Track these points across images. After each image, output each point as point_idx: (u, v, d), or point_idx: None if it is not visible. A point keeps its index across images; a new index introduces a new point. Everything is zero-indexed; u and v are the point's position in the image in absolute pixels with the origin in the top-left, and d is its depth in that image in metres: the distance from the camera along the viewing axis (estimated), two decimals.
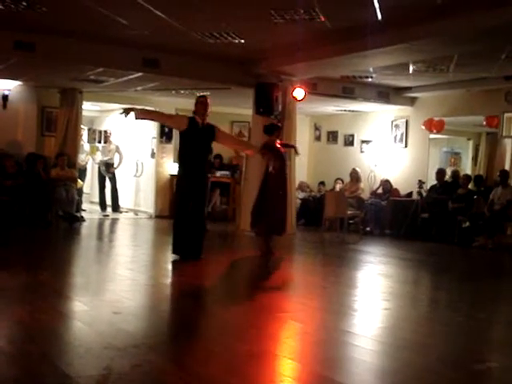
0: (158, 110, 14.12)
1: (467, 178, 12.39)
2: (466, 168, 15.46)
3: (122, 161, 15.06)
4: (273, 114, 11.61)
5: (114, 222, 13.81)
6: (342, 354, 4.52)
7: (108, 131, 15.52)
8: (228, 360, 4.14)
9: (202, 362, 4.05)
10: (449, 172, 13.32)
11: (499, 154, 12.76)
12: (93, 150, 15.65)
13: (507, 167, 12.36)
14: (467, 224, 11.45)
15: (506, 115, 12.12)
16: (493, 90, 11.77)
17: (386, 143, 14.38)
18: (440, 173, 12.68)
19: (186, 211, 8.08)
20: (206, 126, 8.14)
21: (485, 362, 4.53)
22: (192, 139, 8.07)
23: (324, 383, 3.81)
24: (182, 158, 8.24)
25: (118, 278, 7.24)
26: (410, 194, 13.26)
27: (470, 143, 15.95)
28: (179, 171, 8.33)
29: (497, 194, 11.25)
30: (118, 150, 15.05)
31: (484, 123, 12.69)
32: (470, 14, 7.42)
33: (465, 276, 8.65)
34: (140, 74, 10.85)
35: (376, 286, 7.44)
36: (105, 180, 15.14)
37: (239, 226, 12.23)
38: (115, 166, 15.00)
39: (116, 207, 14.99)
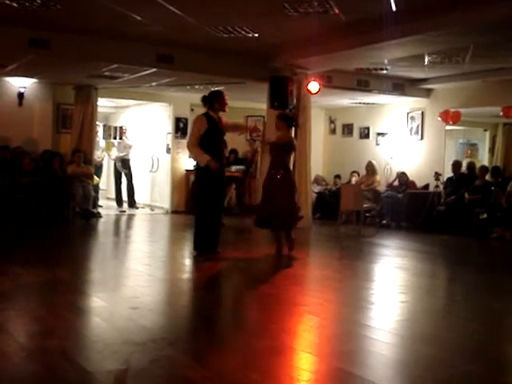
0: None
1: (484, 169, 12.31)
2: (483, 159, 15.36)
3: (136, 155, 15.17)
4: (288, 108, 11.60)
5: (131, 217, 13.87)
6: (359, 347, 4.51)
7: (124, 127, 15.58)
8: (246, 354, 4.16)
9: (221, 357, 4.07)
10: (465, 164, 13.24)
11: None
12: (108, 146, 15.72)
13: None
14: (485, 216, 11.37)
15: None
16: (509, 80, 11.67)
17: (402, 135, 14.31)
18: (456, 165, 12.60)
19: (216, 207, 8.13)
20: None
21: (504, 355, 4.51)
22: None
23: (341, 376, 3.81)
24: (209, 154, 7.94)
25: (135, 274, 7.27)
26: (426, 187, 13.19)
27: (487, 134, 15.84)
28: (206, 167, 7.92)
29: None
30: (130, 145, 15.12)
31: (501, 114, 12.59)
32: (484, 4, 7.36)
33: (483, 268, 8.59)
34: (154, 69, 10.87)
35: (393, 279, 7.42)
36: (121, 176, 15.20)
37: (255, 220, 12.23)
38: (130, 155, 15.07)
39: (132, 203, 15.03)
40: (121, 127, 15.86)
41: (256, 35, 9.57)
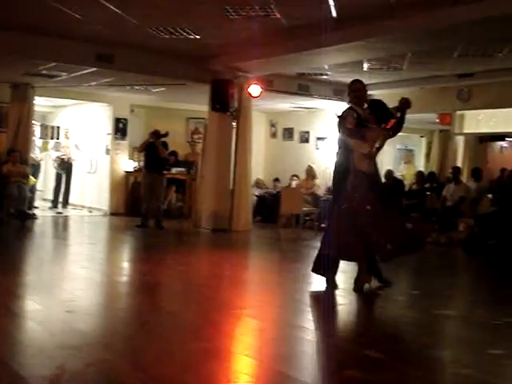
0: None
1: (421, 174, 12.57)
2: (420, 165, 15.71)
3: (79, 157, 14.96)
4: (228, 111, 11.62)
5: (68, 219, 13.62)
6: (296, 349, 4.54)
7: (66, 128, 15.38)
8: (184, 358, 4.12)
9: (158, 361, 4.02)
10: (401, 169, 13.47)
11: (451, 151, 13.00)
12: (44, 146, 15.42)
13: (459, 164, 12.60)
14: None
15: (458, 113, 12.36)
16: (446, 87, 11.97)
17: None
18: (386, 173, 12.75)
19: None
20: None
21: (434, 351, 4.62)
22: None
23: (279, 379, 3.82)
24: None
25: (72, 277, 7.14)
26: None
27: (423, 140, 16.23)
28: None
29: (449, 190, 11.44)
30: (76, 146, 14.92)
31: (437, 121, 12.89)
32: (422, 13, 7.54)
33: (417, 271, 8.76)
34: (94, 69, 10.71)
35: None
36: (61, 177, 14.93)
37: (195, 223, 12.20)
38: (72, 160, 14.86)
39: (65, 204, 14.88)
40: (58, 127, 15.64)
41: (198, 37, 9.55)
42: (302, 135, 15.71)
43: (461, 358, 4.42)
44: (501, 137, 14.01)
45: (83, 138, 15.38)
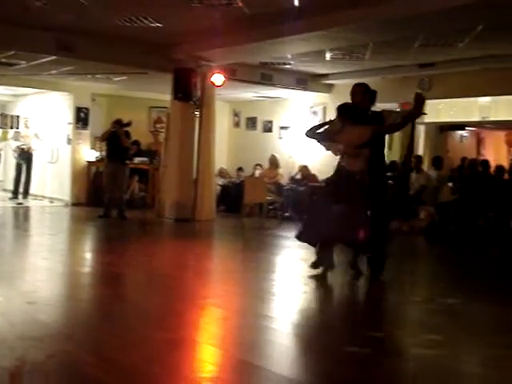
0: None
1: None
2: None
3: (39, 147, 14.74)
4: (191, 100, 11.55)
5: (28, 210, 13.43)
6: (260, 337, 4.56)
7: (26, 117, 15.13)
8: (148, 348, 4.11)
9: (121, 351, 4.00)
10: None
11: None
12: (4, 136, 15.16)
13: (421, 153, 12.75)
14: None
15: None
16: (407, 77, 12.07)
17: (305, 129, 14.49)
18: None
19: None
20: None
21: (397, 338, 4.68)
22: None
23: (243, 368, 3.84)
24: None
25: (33, 268, 7.05)
26: None
27: None
28: None
29: (411, 179, 11.57)
30: (36, 136, 14.70)
31: (398, 110, 12.97)
32: (384, 3, 7.57)
33: None
34: (54, 57, 10.54)
35: (294, 271, 7.53)
36: (21, 167, 14.70)
37: (158, 213, 12.13)
38: (32, 150, 14.65)
39: (26, 194, 14.67)
40: (17, 116, 15.38)
41: (160, 25, 9.45)
42: (265, 124, 15.71)
43: (424, 342, 4.48)
44: (460, 126, 14.21)
45: (44, 127, 15.16)
